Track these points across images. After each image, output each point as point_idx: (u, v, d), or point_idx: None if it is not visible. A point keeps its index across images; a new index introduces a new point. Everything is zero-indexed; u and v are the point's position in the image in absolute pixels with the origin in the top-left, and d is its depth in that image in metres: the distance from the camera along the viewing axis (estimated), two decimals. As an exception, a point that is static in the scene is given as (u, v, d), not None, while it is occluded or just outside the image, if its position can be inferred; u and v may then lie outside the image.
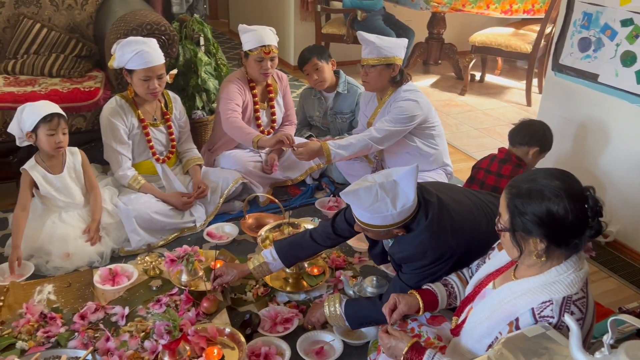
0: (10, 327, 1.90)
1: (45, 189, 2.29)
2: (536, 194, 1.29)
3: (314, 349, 1.86)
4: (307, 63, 3.01)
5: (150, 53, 2.41)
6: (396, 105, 2.55)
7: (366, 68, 2.55)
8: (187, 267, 2.11)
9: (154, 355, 1.77)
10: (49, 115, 2.23)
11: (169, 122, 2.66)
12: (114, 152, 2.50)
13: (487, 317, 1.39)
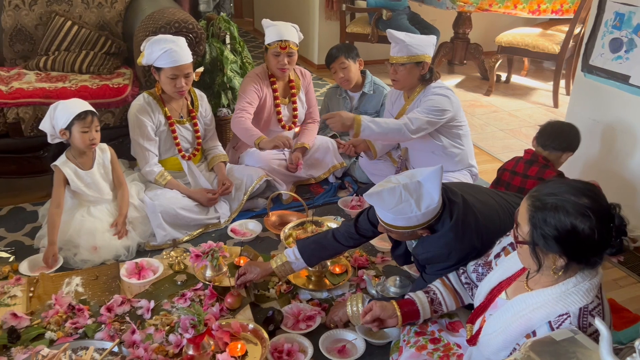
0: (39, 318, 1.95)
1: (75, 185, 2.34)
2: (562, 210, 1.24)
3: (336, 347, 1.86)
4: (334, 61, 3.02)
5: (178, 52, 2.43)
6: (426, 99, 2.52)
7: (395, 66, 2.54)
8: (211, 263, 2.13)
9: (179, 348, 1.80)
10: (83, 113, 2.27)
11: (195, 119, 2.69)
12: (141, 148, 2.54)
13: (503, 329, 1.37)
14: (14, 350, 1.80)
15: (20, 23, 3.07)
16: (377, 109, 3.16)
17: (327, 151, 3.04)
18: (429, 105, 2.49)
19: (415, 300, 1.71)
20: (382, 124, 2.47)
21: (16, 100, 2.61)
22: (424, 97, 2.55)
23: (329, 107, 3.32)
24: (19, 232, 2.54)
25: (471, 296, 1.71)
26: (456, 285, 1.73)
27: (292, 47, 2.77)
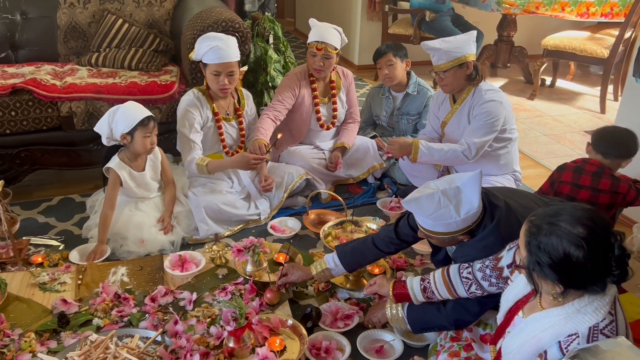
0: (87, 305, 2.02)
1: (128, 185, 2.42)
2: (556, 238, 1.22)
3: (374, 347, 1.87)
4: (381, 57, 3.01)
5: (224, 50, 2.47)
6: (481, 111, 2.47)
7: (440, 74, 2.51)
8: (252, 258, 2.17)
9: (219, 341, 1.83)
10: (146, 119, 2.34)
11: (240, 117, 2.73)
12: (187, 140, 2.59)
13: (518, 348, 1.36)
14: (63, 334, 1.88)
15: (74, 20, 3.19)
16: (420, 111, 3.14)
17: (367, 152, 3.04)
18: (485, 120, 2.45)
19: (407, 285, 1.79)
20: (440, 151, 2.48)
21: (69, 95, 2.71)
22: (476, 104, 2.50)
23: (370, 106, 3.32)
24: (68, 222, 2.64)
25: (467, 291, 1.68)
26: (453, 279, 1.70)
27: (329, 50, 2.77)
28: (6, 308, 1.99)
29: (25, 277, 2.17)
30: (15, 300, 2.04)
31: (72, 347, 1.77)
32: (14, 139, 2.71)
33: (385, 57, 3.00)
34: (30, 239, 2.43)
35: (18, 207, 2.69)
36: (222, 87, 2.55)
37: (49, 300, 2.04)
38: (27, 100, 2.67)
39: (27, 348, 1.80)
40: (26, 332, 1.87)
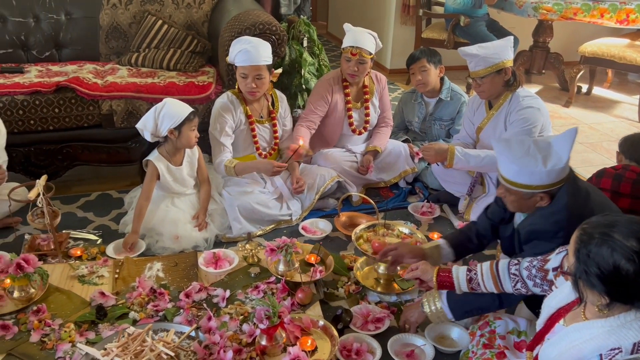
0: (124, 298, 2.08)
1: (165, 179, 2.48)
2: (607, 249, 1.20)
3: (404, 351, 1.87)
4: (415, 62, 3.01)
5: (252, 53, 2.49)
6: (518, 117, 2.45)
7: (477, 80, 2.49)
8: (285, 258, 2.19)
9: (252, 338, 1.86)
10: (191, 114, 2.41)
11: (274, 120, 2.76)
12: (217, 143, 2.63)
13: (557, 357, 1.34)
14: (101, 326, 1.93)
15: (116, 21, 3.28)
16: (453, 116, 3.13)
17: (399, 155, 3.04)
18: (522, 126, 2.43)
19: (452, 274, 1.77)
20: (476, 158, 2.47)
21: (110, 94, 2.79)
22: (513, 111, 2.48)
23: (403, 112, 3.32)
24: (105, 217, 2.71)
25: (513, 287, 1.68)
26: (501, 273, 1.69)
27: (364, 55, 2.77)
28: (47, 298, 2.06)
29: (65, 270, 2.24)
30: (55, 292, 2.11)
31: (109, 338, 1.82)
32: (56, 135, 2.80)
33: (419, 63, 2.99)
34: (69, 233, 2.51)
35: (58, 202, 2.77)
36: (250, 90, 2.57)
37: (88, 292, 2.10)
38: (70, 98, 2.75)
39: (67, 338, 1.86)
40: (66, 323, 1.93)
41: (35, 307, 1.99)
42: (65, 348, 1.82)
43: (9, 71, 2.95)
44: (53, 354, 1.80)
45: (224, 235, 2.54)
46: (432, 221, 2.76)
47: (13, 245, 2.44)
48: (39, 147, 2.80)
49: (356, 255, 2.44)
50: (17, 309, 2.00)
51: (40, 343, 1.85)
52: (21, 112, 2.70)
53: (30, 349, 1.83)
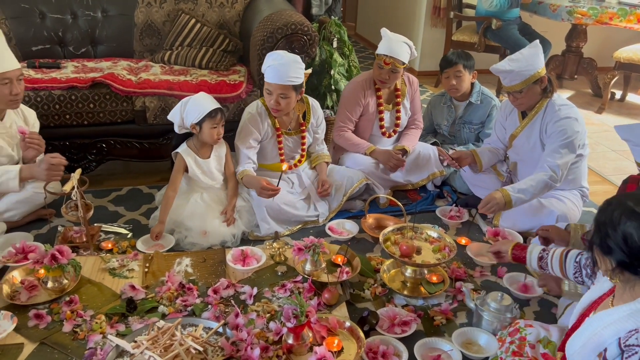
0: (153, 292, 2.11)
1: (193, 172, 2.51)
2: (618, 213, 1.27)
3: (431, 356, 1.85)
4: (451, 66, 2.98)
5: (280, 72, 2.43)
6: (556, 129, 2.41)
7: (514, 94, 2.46)
8: (312, 258, 2.20)
9: (278, 336, 1.87)
10: (214, 111, 2.44)
11: (303, 132, 2.72)
12: (240, 152, 2.63)
13: (581, 347, 1.36)
14: (131, 319, 1.96)
15: (150, 19, 3.33)
16: (483, 120, 3.09)
17: (428, 158, 3.02)
18: (562, 139, 2.39)
19: (527, 249, 1.93)
20: (529, 190, 2.38)
21: (144, 90, 2.83)
22: (550, 121, 2.43)
23: (432, 115, 3.30)
24: (136, 212, 2.76)
25: (573, 275, 1.79)
26: (568, 260, 1.79)
27: (397, 65, 2.76)
28: (79, 290, 2.10)
29: (96, 262, 2.28)
30: (87, 283, 2.15)
31: (139, 331, 1.85)
32: (90, 130, 2.86)
33: (455, 68, 2.96)
34: (101, 226, 2.56)
35: (90, 195, 2.83)
36: (273, 107, 2.53)
37: (118, 285, 2.14)
38: (104, 94, 2.81)
39: (98, 329, 1.89)
40: (97, 314, 1.97)
41: (68, 297, 2.03)
42: (96, 339, 1.85)
43: (46, 66, 3.03)
44: (84, 345, 1.84)
45: (252, 233, 2.56)
46: (460, 225, 2.73)
47: (46, 236, 2.50)
48: (73, 142, 2.86)
49: (383, 257, 2.43)
50: (51, 299, 2.04)
51: (72, 333, 1.89)
52: (57, 107, 2.76)
53: (62, 338, 1.87)
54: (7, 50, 2.33)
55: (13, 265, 2.19)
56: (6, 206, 2.48)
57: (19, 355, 1.78)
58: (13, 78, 2.30)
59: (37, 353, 1.80)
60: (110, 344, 1.78)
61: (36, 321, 1.92)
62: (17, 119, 2.49)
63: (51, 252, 2.03)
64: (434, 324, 2.04)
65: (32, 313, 1.94)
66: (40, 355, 1.79)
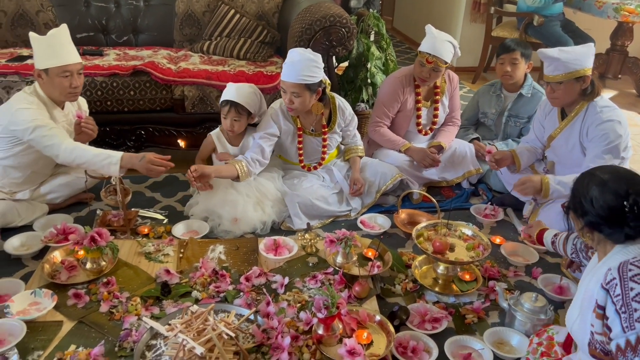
0: (187, 277, 2.15)
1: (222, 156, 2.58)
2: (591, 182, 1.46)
3: (462, 354, 1.84)
4: (507, 52, 2.93)
5: (291, 68, 2.40)
6: (599, 133, 2.34)
7: (552, 85, 2.39)
8: (344, 250, 2.20)
9: (308, 326, 1.88)
10: (224, 101, 2.53)
11: (325, 134, 2.70)
12: (254, 139, 2.61)
13: (579, 311, 1.48)
14: (165, 302, 2.01)
15: (190, 9, 3.38)
16: (531, 114, 3.00)
17: (464, 156, 2.98)
18: (606, 146, 2.32)
19: (543, 238, 2.15)
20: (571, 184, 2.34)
21: (183, 79, 2.88)
22: (592, 124, 2.36)
23: (478, 104, 3.23)
24: (172, 198, 2.81)
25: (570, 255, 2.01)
26: (569, 243, 2.01)
27: (439, 64, 2.71)
28: (116, 272, 2.16)
29: (133, 246, 2.34)
30: (124, 266, 2.21)
31: (173, 315, 1.89)
32: (130, 117, 2.93)
33: (512, 54, 2.91)
34: (138, 211, 2.62)
35: (128, 181, 2.90)
36: (287, 106, 2.51)
37: (153, 269, 2.19)
38: (145, 82, 2.86)
39: (134, 311, 1.94)
40: (133, 297, 2.02)
41: (105, 279, 2.09)
42: (132, 320, 1.90)
43: (90, 53, 3.11)
44: (120, 325, 1.89)
45: (285, 224, 2.58)
46: (495, 224, 2.69)
47: (86, 219, 2.57)
48: (113, 128, 2.93)
49: (414, 253, 2.42)
50: (89, 280, 2.10)
51: (108, 313, 1.95)
52: (99, 93, 2.83)
53: (99, 318, 1.92)
54: (70, 45, 2.38)
55: (54, 245, 2.27)
56: (50, 189, 2.56)
57: (58, 332, 1.85)
58: (74, 71, 2.36)
59: (75, 331, 1.86)
60: (144, 325, 1.83)
61: (75, 300, 1.99)
62: (72, 107, 2.57)
63: (90, 234, 2.09)
64: (465, 322, 2.02)
65: (71, 292, 2.01)
66: (78, 333, 1.85)
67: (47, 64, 2.32)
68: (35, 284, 2.06)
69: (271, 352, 1.76)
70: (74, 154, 2.28)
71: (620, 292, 1.32)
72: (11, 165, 2.41)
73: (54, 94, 2.39)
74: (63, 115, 2.49)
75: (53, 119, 2.40)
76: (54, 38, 2.32)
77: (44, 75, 2.34)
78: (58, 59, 2.31)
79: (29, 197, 2.51)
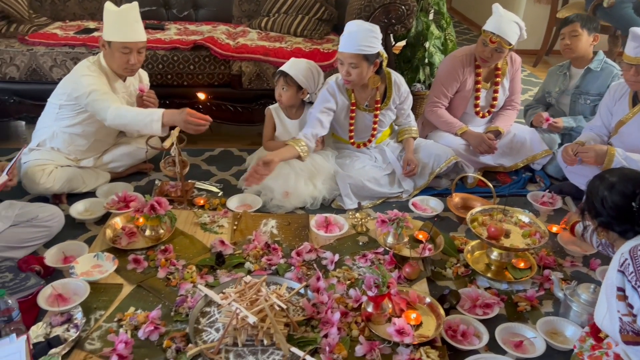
0: (241, 249, 2.20)
1: (280, 130, 2.62)
2: (602, 184, 1.56)
3: (513, 341, 1.81)
4: (567, 25, 2.84)
5: (351, 38, 2.38)
6: None
7: (637, 67, 2.28)
8: (395, 231, 2.19)
9: (357, 304, 1.90)
10: (278, 73, 2.57)
11: (377, 110, 2.66)
12: (311, 114, 2.61)
13: (605, 308, 1.52)
14: (219, 272, 2.06)
15: (250, -15, 3.40)
16: (602, 91, 2.83)
17: (523, 142, 2.89)
18: None
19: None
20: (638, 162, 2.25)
21: (241, 55, 2.91)
22: None
23: (546, 83, 3.12)
24: (226, 172, 2.87)
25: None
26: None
27: (503, 45, 2.62)
28: (173, 240, 2.24)
29: (189, 216, 2.41)
30: (180, 235, 2.28)
31: (226, 284, 1.94)
32: (189, 91, 2.98)
33: (571, 27, 2.81)
34: (195, 183, 2.69)
35: (185, 153, 2.96)
36: (344, 78, 2.48)
37: (208, 239, 2.25)
38: (204, 57, 2.91)
39: (189, 278, 2.01)
40: (188, 265, 2.09)
41: (163, 246, 2.17)
42: (187, 287, 1.96)
43: (151, 27, 3.18)
44: (176, 291, 1.96)
45: (336, 202, 2.59)
46: (552, 213, 2.61)
47: (145, 188, 2.67)
48: (173, 101, 3.00)
49: (467, 238, 2.38)
50: (147, 246, 2.19)
51: (165, 279, 2.02)
52: (161, 67, 2.90)
53: (157, 283, 2.00)
54: (137, 23, 2.44)
55: (115, 212, 2.37)
56: (112, 157, 2.67)
57: (119, 294, 1.94)
58: (134, 49, 2.43)
59: (134, 294, 1.95)
60: (199, 293, 1.89)
61: (134, 265, 2.07)
62: (133, 80, 2.65)
63: (150, 203, 2.17)
64: (518, 310, 1.98)
65: (131, 257, 2.09)
66: (137, 297, 1.93)
67: (111, 37, 2.39)
68: (98, 247, 2.17)
69: (320, 326, 1.78)
70: (119, 115, 2.34)
71: (633, 269, 1.42)
72: (76, 133, 2.52)
73: (113, 66, 2.48)
74: (124, 87, 2.57)
75: (113, 90, 2.48)
76: (122, 13, 2.39)
77: (107, 46, 2.42)
78: (121, 34, 2.38)
79: (93, 165, 2.62)
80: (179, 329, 1.78)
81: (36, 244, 2.15)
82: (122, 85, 2.56)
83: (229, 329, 1.69)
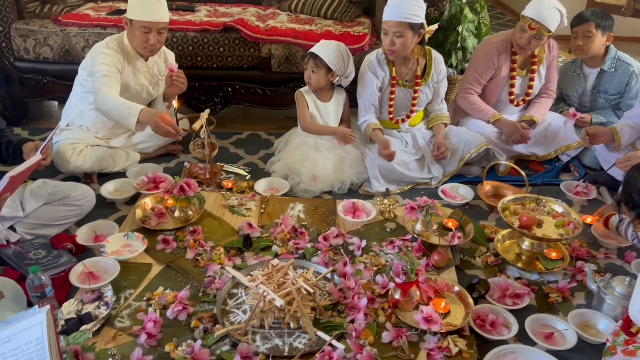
0: (268, 232, 2.20)
1: (311, 113, 2.61)
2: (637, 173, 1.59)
3: (543, 332, 1.77)
4: (581, 24, 2.72)
5: (397, 7, 2.37)
6: None
7: None
8: (424, 218, 2.17)
9: (384, 290, 1.88)
10: (307, 54, 2.55)
11: (417, 86, 2.64)
12: (362, 99, 2.62)
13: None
14: (246, 254, 2.07)
15: (280, -34, 3.36)
16: (621, 90, 2.79)
17: (557, 131, 2.81)
18: None
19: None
20: None
21: (270, 37, 2.89)
22: None
23: (560, 84, 3.02)
24: (254, 155, 2.87)
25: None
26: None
27: (542, 32, 2.54)
28: (202, 222, 2.25)
29: (217, 198, 2.42)
30: (209, 217, 2.29)
31: (254, 266, 1.95)
32: (218, 73, 2.99)
33: (585, 26, 2.69)
34: (223, 166, 2.70)
35: (214, 136, 2.96)
36: (387, 48, 2.47)
37: (236, 222, 2.26)
38: (234, 39, 2.90)
39: (217, 260, 2.02)
40: (216, 246, 2.10)
41: (192, 227, 2.18)
42: (215, 269, 1.98)
43: (182, 9, 3.18)
44: (204, 272, 1.97)
45: (363, 188, 2.57)
46: (586, 203, 2.54)
47: (174, 170, 2.69)
48: (202, 83, 3.01)
49: (497, 226, 2.34)
50: (176, 227, 2.20)
51: (194, 260, 2.04)
52: (191, 48, 2.91)
53: (185, 264, 2.02)
54: (159, 3, 2.44)
55: (145, 192, 2.39)
56: (141, 138, 2.69)
57: (148, 273, 1.96)
58: (154, 29, 2.44)
59: (163, 274, 1.97)
60: (227, 274, 1.90)
61: (163, 245, 2.09)
62: (158, 60, 2.66)
63: (180, 184, 2.18)
64: (548, 301, 1.94)
65: (160, 237, 2.11)
66: (165, 277, 1.95)
67: (133, 15, 2.41)
68: (128, 227, 2.19)
69: (347, 311, 1.78)
70: (105, 101, 2.35)
71: None
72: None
73: (134, 45, 2.50)
74: (145, 67, 2.58)
75: (135, 69, 2.50)
76: None
77: (129, 24, 2.44)
78: (142, 13, 2.39)
79: (122, 145, 2.65)
80: (206, 310, 1.79)
81: (68, 222, 2.19)
82: (143, 64, 2.57)
83: (256, 311, 1.69)
